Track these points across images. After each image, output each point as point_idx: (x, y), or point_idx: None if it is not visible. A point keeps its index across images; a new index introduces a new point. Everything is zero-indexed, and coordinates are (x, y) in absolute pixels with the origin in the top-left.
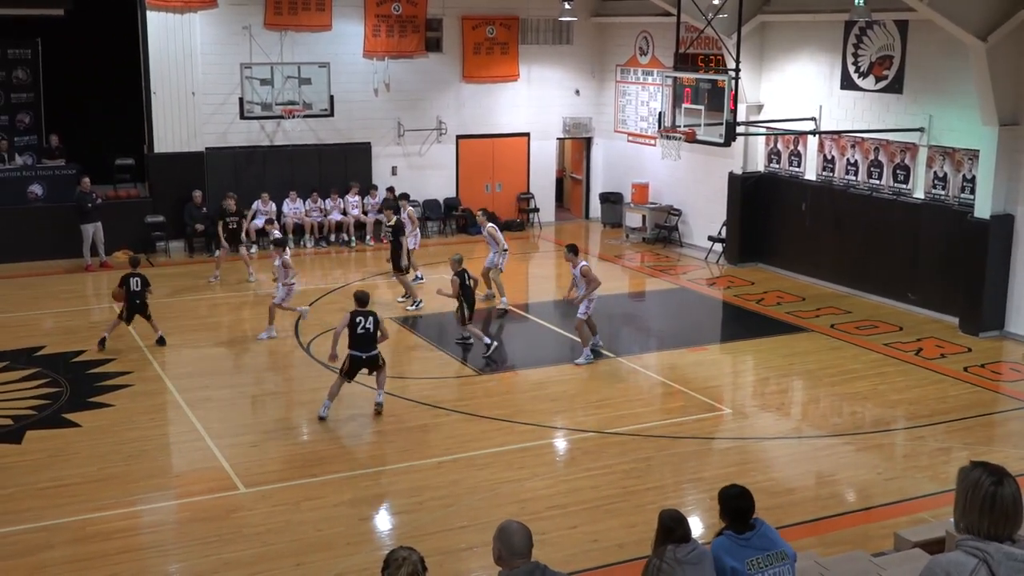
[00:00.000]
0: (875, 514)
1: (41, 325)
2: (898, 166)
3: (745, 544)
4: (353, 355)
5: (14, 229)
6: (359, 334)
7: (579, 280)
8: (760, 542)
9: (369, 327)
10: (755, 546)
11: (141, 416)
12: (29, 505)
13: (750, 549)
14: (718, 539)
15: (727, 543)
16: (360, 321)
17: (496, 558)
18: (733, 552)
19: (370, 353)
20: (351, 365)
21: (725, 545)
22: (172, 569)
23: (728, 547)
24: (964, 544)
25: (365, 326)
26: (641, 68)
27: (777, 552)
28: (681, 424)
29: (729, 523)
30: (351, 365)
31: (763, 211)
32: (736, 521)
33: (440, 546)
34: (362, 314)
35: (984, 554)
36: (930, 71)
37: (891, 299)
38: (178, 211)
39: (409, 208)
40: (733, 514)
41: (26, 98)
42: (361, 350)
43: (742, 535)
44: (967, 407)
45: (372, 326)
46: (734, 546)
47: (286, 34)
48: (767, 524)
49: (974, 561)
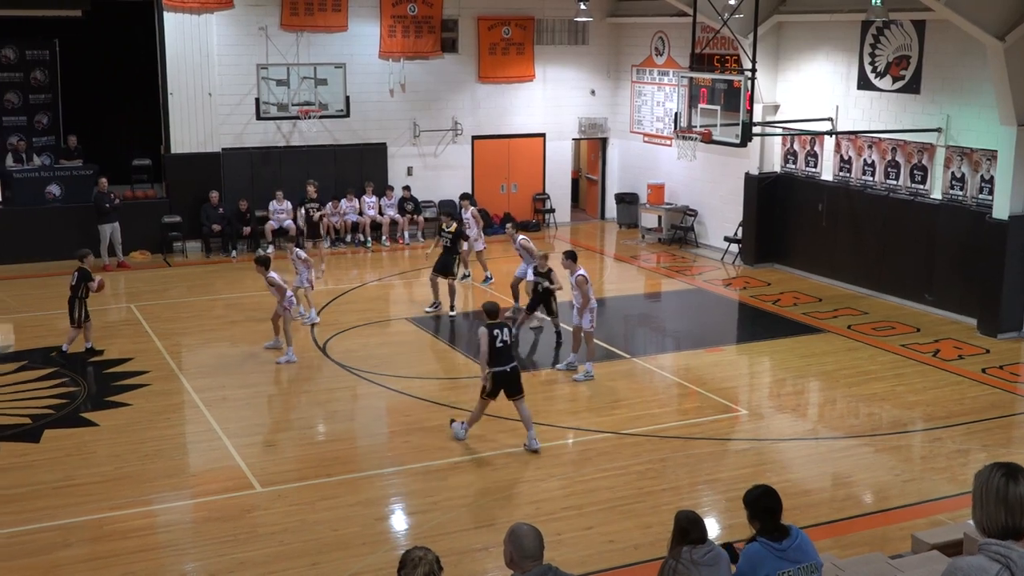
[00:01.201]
0: (892, 516)
1: (59, 325)
2: (915, 166)
3: (781, 556)
4: (496, 371)
5: (32, 229)
6: (498, 347)
7: (574, 287)
8: (795, 554)
9: (507, 339)
10: (790, 558)
11: (158, 415)
12: (46, 504)
13: (785, 562)
14: (752, 545)
15: (762, 551)
16: (497, 334)
17: (507, 561)
18: (766, 562)
19: (513, 365)
20: (495, 382)
21: (760, 553)
22: (188, 568)
23: (762, 556)
24: (987, 549)
25: (503, 338)
26: (657, 68)
27: (809, 565)
28: (697, 425)
29: (761, 526)
30: (495, 382)
31: (779, 212)
32: (767, 521)
33: (456, 546)
34: (497, 326)
35: (1007, 560)
36: (948, 71)
37: (908, 300)
38: (195, 211)
39: (472, 208)
40: (763, 514)
41: (44, 99)
42: (504, 363)
43: (778, 544)
44: (985, 409)
45: (509, 337)
46: (769, 556)
47: (302, 35)
48: (803, 533)
49: (997, 567)
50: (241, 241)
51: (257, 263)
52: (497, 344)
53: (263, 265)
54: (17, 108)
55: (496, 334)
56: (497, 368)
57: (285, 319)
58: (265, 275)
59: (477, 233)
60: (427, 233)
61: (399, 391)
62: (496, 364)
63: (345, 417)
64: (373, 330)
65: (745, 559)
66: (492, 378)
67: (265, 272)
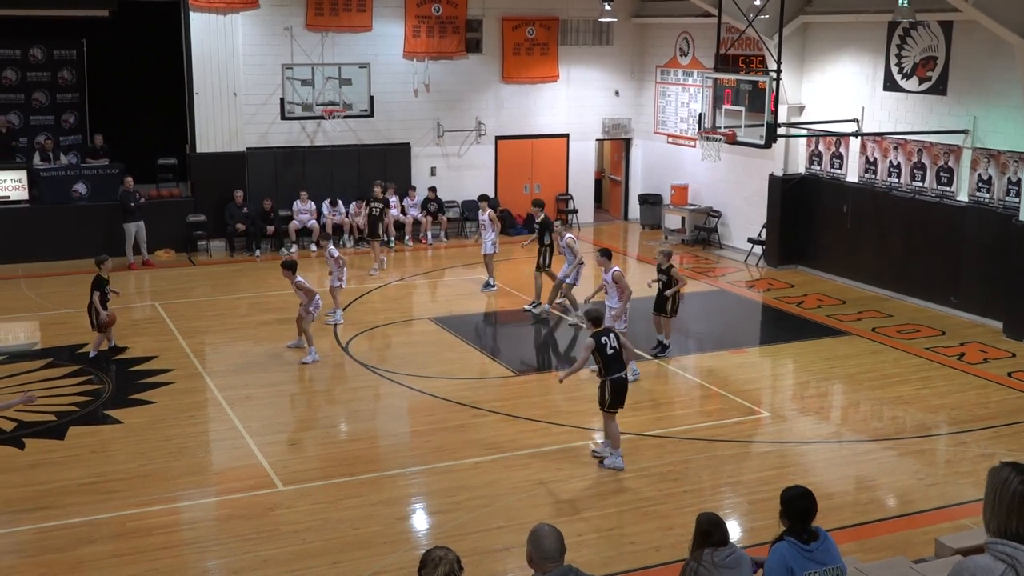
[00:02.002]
0: (916, 520)
1: (84, 323)
2: (942, 168)
3: (808, 556)
4: (613, 379)
5: (59, 227)
6: (609, 355)
7: (609, 286)
8: (822, 556)
9: (616, 345)
10: (817, 559)
11: (181, 413)
12: (71, 500)
13: (811, 562)
14: (780, 543)
15: (790, 551)
16: (606, 342)
17: (528, 561)
18: (794, 561)
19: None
20: (614, 391)
21: (789, 553)
22: (211, 565)
23: (791, 555)
24: (994, 548)
25: (612, 345)
26: (681, 69)
27: (835, 568)
28: (720, 427)
29: (791, 526)
30: (614, 391)
31: (804, 213)
32: (799, 523)
33: (477, 546)
34: (604, 333)
35: (1013, 560)
36: (975, 72)
37: (933, 303)
38: (219, 210)
39: (490, 211)
40: (797, 515)
41: (71, 98)
42: (619, 370)
43: (806, 545)
44: (1011, 413)
45: (617, 343)
46: (797, 555)
47: (327, 35)
48: (830, 537)
49: (1002, 567)
50: (265, 240)
51: (284, 267)
52: (608, 351)
53: (290, 270)
54: (45, 107)
55: (604, 342)
56: (614, 376)
57: (306, 320)
58: (292, 280)
59: (494, 237)
60: (450, 233)
61: (421, 391)
62: (612, 372)
63: (367, 416)
64: (396, 329)
65: (774, 557)
66: (611, 387)
67: (292, 277)
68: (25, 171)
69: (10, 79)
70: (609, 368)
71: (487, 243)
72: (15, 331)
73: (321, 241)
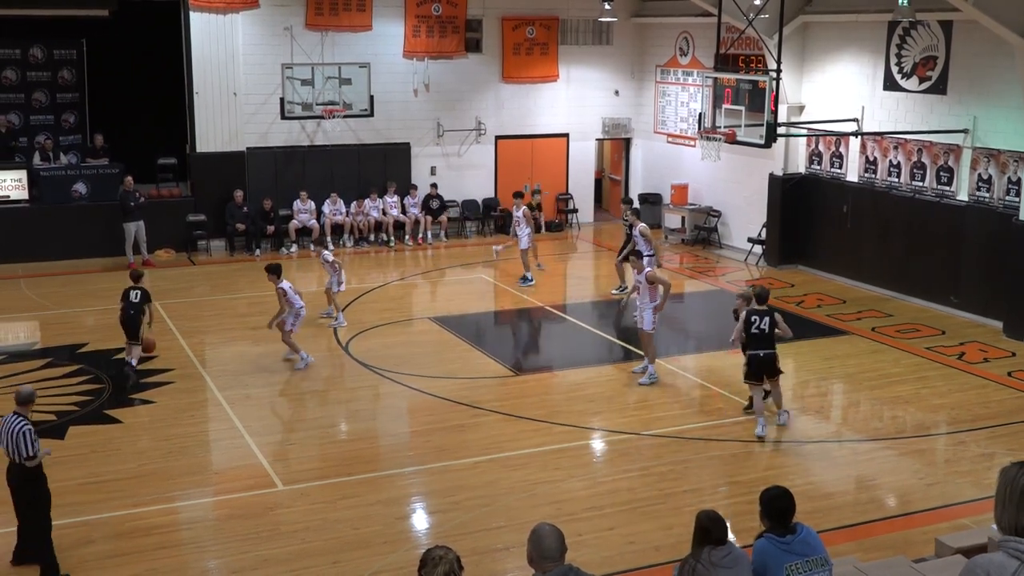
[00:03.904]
0: (916, 519)
1: (84, 322)
2: (942, 168)
3: (786, 549)
4: (751, 355)
5: (59, 227)
6: (754, 333)
7: (642, 285)
8: (800, 547)
9: (764, 327)
10: (795, 551)
11: (181, 413)
12: (70, 500)
13: (791, 554)
14: (759, 541)
15: (768, 546)
16: (755, 320)
17: (529, 560)
18: (773, 556)
19: (768, 351)
20: (749, 365)
21: (766, 548)
22: (210, 565)
23: (769, 550)
24: (1006, 546)
25: (759, 326)
26: (681, 69)
27: (817, 558)
28: (719, 427)
29: (770, 525)
30: (749, 365)
31: (804, 213)
32: (777, 522)
33: (476, 546)
34: (758, 313)
35: None
36: (975, 72)
37: (933, 303)
38: (219, 210)
39: (524, 208)
40: (774, 515)
41: (71, 98)
42: (757, 348)
43: (783, 538)
44: (1011, 412)
45: (768, 326)
46: (775, 549)
47: (327, 34)
48: (809, 529)
49: (1015, 564)
50: (265, 240)
51: (268, 271)
52: (753, 330)
53: (274, 274)
54: (45, 107)
55: (754, 320)
56: (752, 351)
57: (285, 333)
58: (276, 284)
59: (529, 232)
60: (450, 232)
61: (421, 390)
62: (751, 348)
63: (367, 416)
64: (395, 329)
65: (755, 554)
66: (748, 361)
67: (277, 281)
68: (25, 171)
69: (10, 79)
70: (751, 344)
71: (522, 238)
72: (15, 331)
73: (315, 248)
